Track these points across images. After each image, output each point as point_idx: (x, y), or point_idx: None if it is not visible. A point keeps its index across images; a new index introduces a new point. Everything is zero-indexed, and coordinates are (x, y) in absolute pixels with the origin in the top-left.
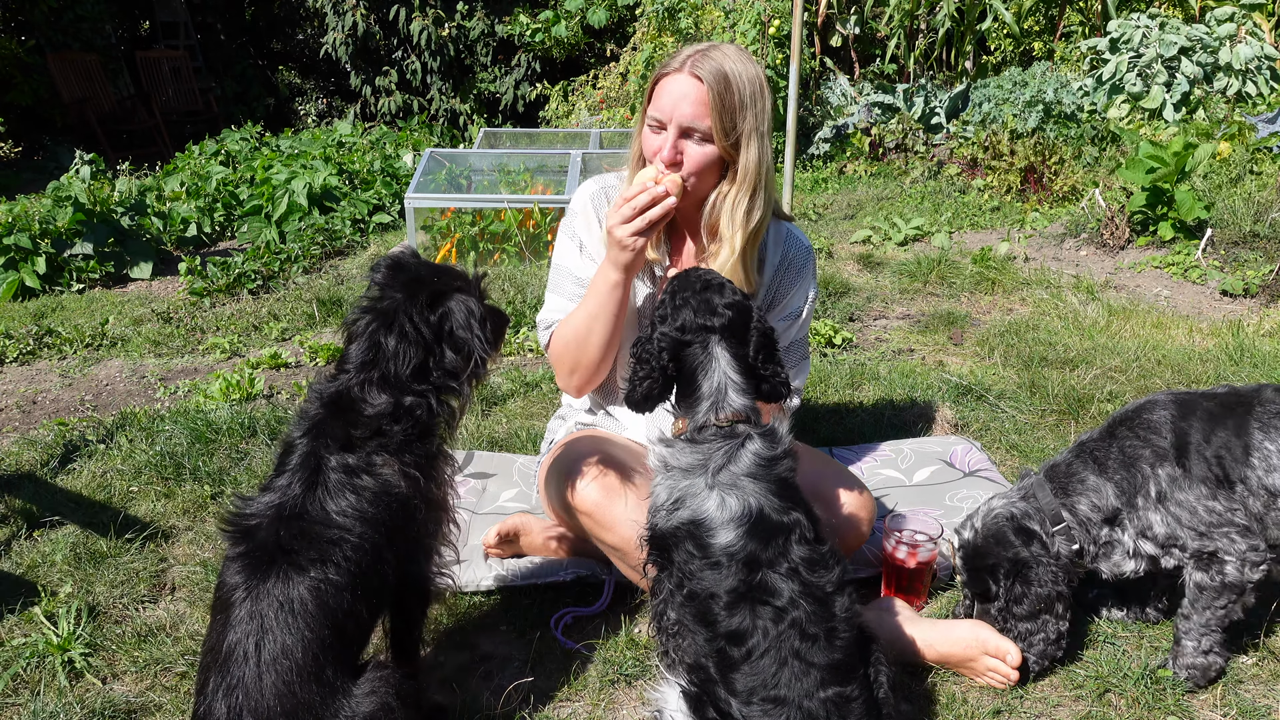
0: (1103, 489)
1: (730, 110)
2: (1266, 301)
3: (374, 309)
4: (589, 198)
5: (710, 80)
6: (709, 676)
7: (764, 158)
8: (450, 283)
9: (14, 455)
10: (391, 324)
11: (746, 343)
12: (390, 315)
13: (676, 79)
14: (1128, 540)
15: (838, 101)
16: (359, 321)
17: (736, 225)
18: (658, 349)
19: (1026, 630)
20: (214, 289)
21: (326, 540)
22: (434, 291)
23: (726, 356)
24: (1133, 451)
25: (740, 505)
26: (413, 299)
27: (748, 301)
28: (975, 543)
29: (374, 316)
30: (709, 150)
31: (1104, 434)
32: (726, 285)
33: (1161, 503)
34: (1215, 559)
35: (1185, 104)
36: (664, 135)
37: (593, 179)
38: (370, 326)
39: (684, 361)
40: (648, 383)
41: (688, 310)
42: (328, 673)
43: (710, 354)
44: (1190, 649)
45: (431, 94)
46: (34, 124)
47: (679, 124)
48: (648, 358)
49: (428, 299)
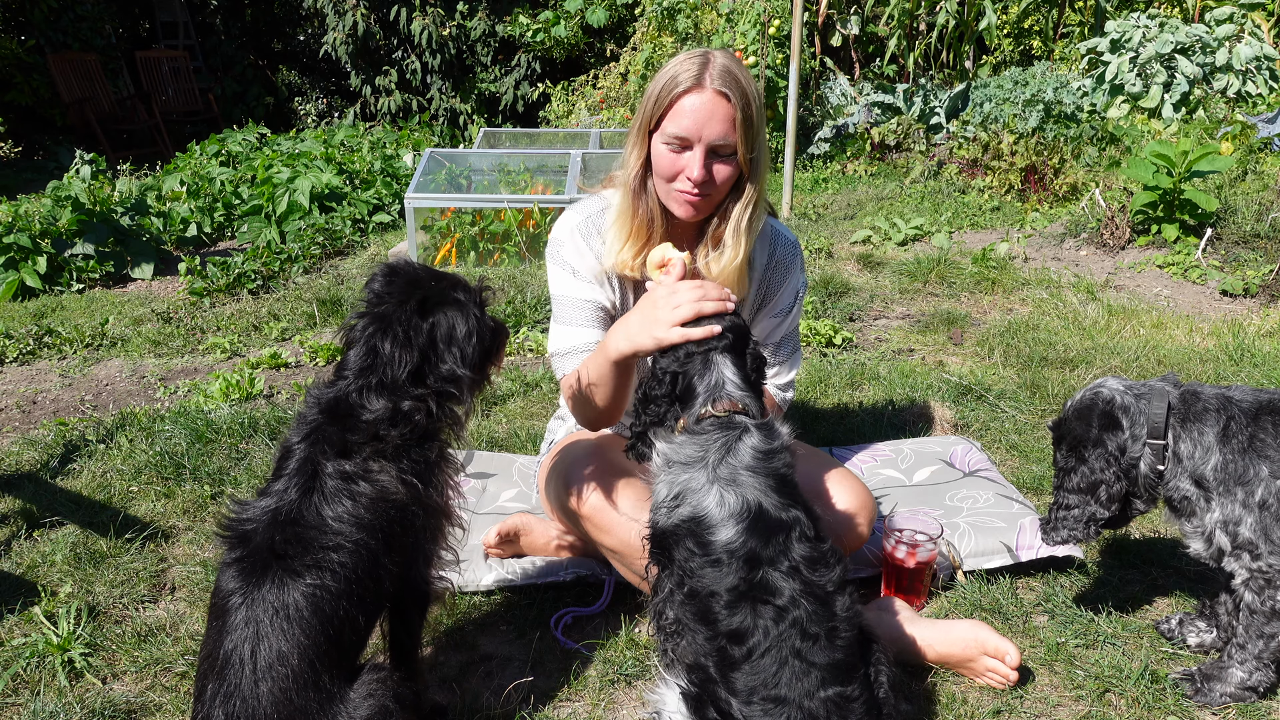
0: (1210, 454)
1: (751, 125)
2: (1266, 301)
3: (371, 313)
4: (574, 228)
5: (736, 98)
6: (709, 676)
7: (765, 162)
8: (447, 292)
9: (14, 455)
10: (388, 328)
11: (744, 359)
12: (386, 320)
13: (700, 96)
14: (1209, 522)
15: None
16: (356, 326)
17: (741, 234)
18: (661, 380)
19: (1065, 502)
20: (214, 289)
21: (322, 546)
22: (425, 298)
23: (728, 363)
24: (1263, 446)
25: (739, 501)
26: (404, 305)
27: (744, 323)
28: (1067, 409)
29: (370, 320)
30: (731, 168)
31: (1253, 409)
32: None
33: (1264, 509)
34: (1272, 584)
35: (1185, 104)
36: (689, 154)
37: (570, 209)
38: (368, 331)
39: (684, 377)
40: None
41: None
42: (324, 679)
43: (710, 361)
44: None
45: (431, 94)
46: (34, 124)
47: (709, 143)
48: (654, 394)
49: (417, 306)
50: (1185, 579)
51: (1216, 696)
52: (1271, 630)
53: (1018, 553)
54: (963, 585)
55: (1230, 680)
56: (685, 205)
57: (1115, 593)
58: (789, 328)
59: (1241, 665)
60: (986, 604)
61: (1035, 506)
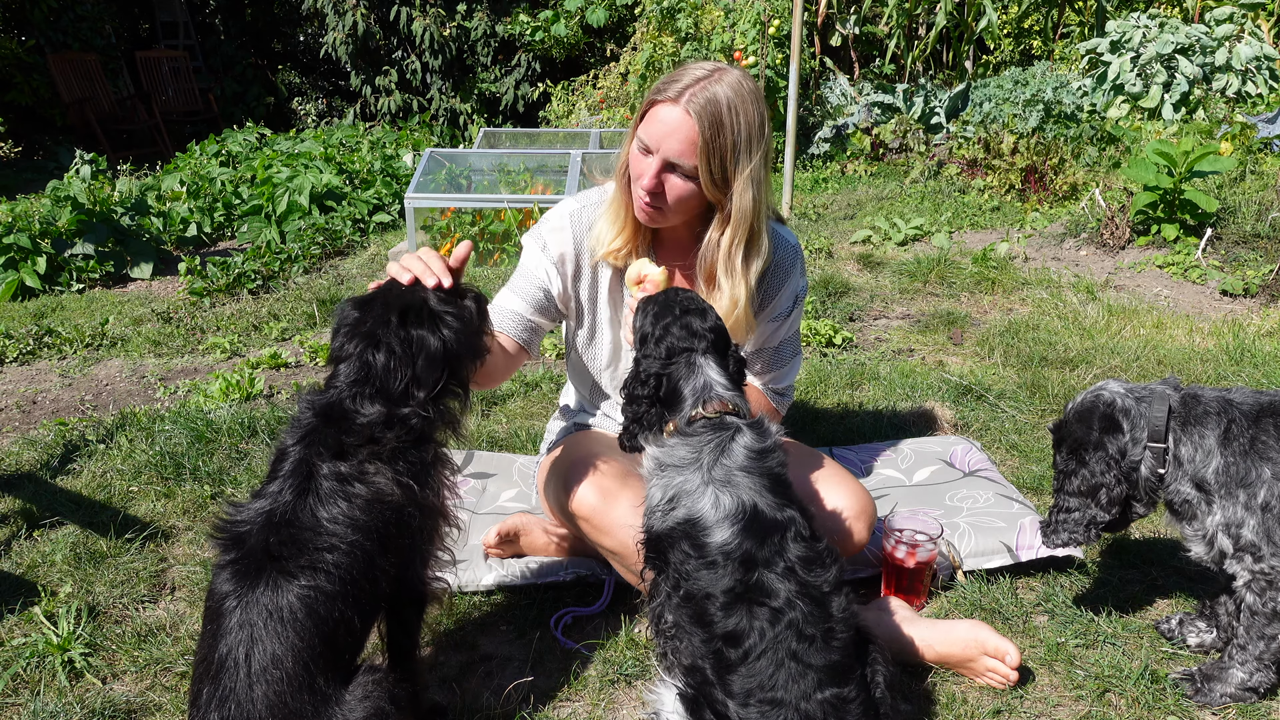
0: (1211, 457)
1: (720, 154)
2: (1266, 301)
3: (359, 333)
4: (569, 213)
5: (702, 121)
6: (706, 678)
7: (760, 200)
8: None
9: (14, 455)
10: (379, 343)
11: (727, 360)
12: (374, 336)
13: (670, 110)
14: (1210, 525)
15: (838, 101)
16: (345, 346)
17: (735, 271)
18: (645, 381)
19: (1066, 505)
20: (214, 289)
21: (317, 548)
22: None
23: (711, 364)
24: (1265, 448)
25: (734, 502)
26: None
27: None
28: (1068, 411)
29: (360, 339)
30: (691, 187)
31: (1253, 412)
32: (708, 310)
33: (1266, 511)
34: (1274, 585)
35: (1185, 104)
36: (649, 160)
37: (571, 196)
38: (359, 348)
39: (669, 379)
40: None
41: (670, 339)
42: (319, 681)
43: (694, 364)
44: (1239, 679)
45: (431, 94)
46: (34, 124)
47: (664, 157)
48: (638, 394)
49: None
50: (1185, 579)
51: (1216, 697)
52: (1272, 631)
53: (1018, 553)
54: (963, 585)
55: (1230, 681)
56: (641, 210)
57: (1115, 593)
58: (788, 331)
59: (1242, 666)
60: (986, 604)
61: (1035, 506)
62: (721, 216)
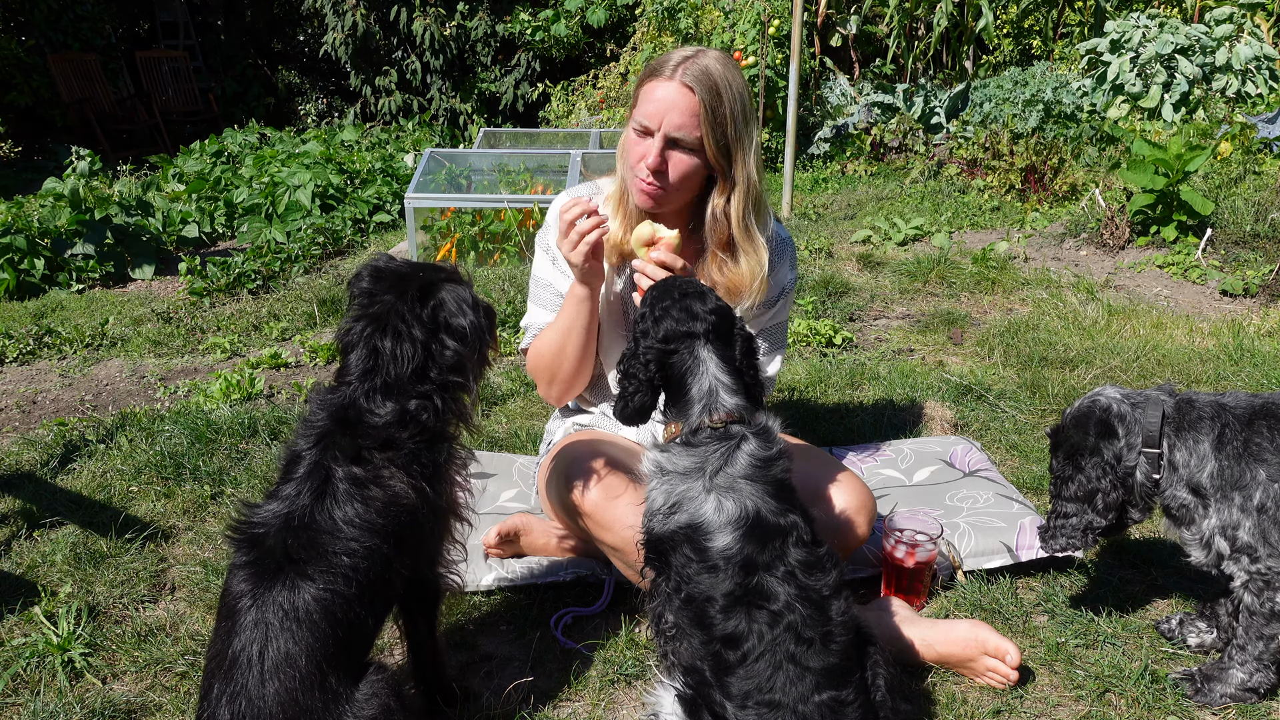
0: (1206, 461)
1: (722, 122)
2: (1266, 301)
3: (366, 314)
4: (560, 210)
5: (701, 90)
6: (704, 680)
7: (760, 167)
8: (436, 275)
9: (14, 455)
10: (386, 327)
11: (732, 345)
12: (383, 318)
13: (665, 86)
14: (1206, 529)
15: (838, 101)
16: (353, 330)
17: (756, 239)
18: (644, 362)
19: (1063, 510)
20: (214, 289)
21: (334, 550)
22: (423, 284)
23: (714, 359)
24: (1259, 450)
25: (738, 508)
26: (402, 296)
27: (728, 305)
28: (1065, 417)
29: (368, 322)
30: (694, 161)
31: (1246, 415)
32: (708, 292)
33: (1262, 513)
34: (1271, 586)
35: (1184, 104)
36: (649, 142)
37: (565, 191)
38: (366, 332)
39: (671, 369)
40: (638, 396)
41: (669, 320)
42: (330, 680)
43: (697, 357)
44: (1239, 679)
45: (431, 94)
46: (34, 124)
47: (666, 133)
48: (635, 372)
49: (417, 292)
50: (1185, 579)
51: (1216, 697)
52: (1271, 631)
53: (1017, 553)
54: (963, 585)
55: (1230, 681)
56: (642, 193)
57: (1115, 593)
58: (770, 321)
59: (1242, 666)
60: (986, 604)
61: (1035, 506)
62: (724, 185)
